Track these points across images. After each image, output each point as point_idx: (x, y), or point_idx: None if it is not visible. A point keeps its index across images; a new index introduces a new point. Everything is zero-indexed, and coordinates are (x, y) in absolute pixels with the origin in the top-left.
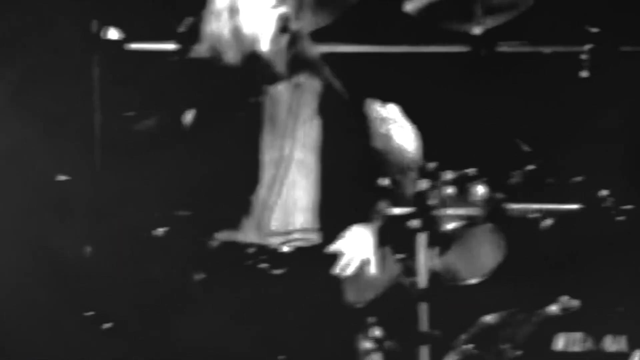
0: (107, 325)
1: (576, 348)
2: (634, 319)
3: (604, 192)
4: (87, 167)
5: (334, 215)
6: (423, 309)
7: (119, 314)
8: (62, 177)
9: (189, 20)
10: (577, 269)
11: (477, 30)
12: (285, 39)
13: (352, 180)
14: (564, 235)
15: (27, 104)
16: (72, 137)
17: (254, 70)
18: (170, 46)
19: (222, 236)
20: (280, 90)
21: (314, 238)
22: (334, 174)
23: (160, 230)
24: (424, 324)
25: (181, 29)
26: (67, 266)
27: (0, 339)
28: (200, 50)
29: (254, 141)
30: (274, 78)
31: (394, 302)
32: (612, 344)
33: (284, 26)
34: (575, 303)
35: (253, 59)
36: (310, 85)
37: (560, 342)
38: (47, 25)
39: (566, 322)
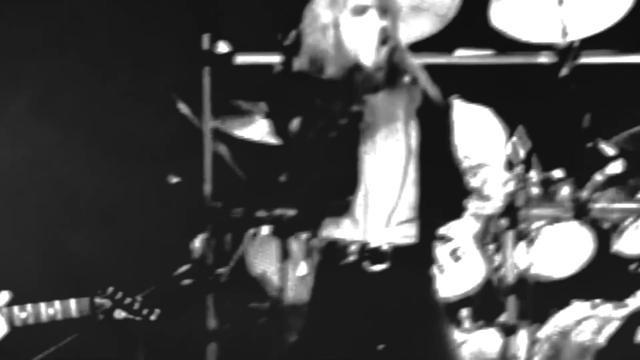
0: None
1: None
2: None
3: None
4: (196, 170)
5: (430, 214)
6: (511, 302)
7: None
8: (174, 179)
9: (293, 34)
10: None
11: (562, 41)
12: (385, 51)
13: (447, 181)
14: None
15: (143, 112)
16: (182, 142)
17: (356, 81)
18: (276, 58)
19: (326, 234)
20: (380, 97)
21: (412, 236)
22: (431, 174)
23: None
24: (511, 316)
25: (286, 42)
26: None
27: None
28: (300, 62)
29: (354, 146)
30: (375, 88)
31: (484, 295)
32: None
33: (384, 39)
34: None
35: (355, 71)
36: (408, 92)
37: None
38: (162, 38)
39: None
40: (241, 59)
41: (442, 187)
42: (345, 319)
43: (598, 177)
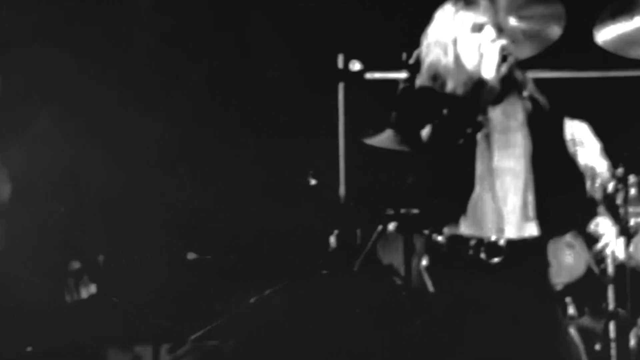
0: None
1: None
2: None
3: None
4: (332, 172)
5: (539, 213)
6: (611, 291)
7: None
8: (313, 181)
9: (416, 53)
10: None
11: None
12: (505, 67)
13: (557, 184)
14: None
15: (280, 127)
16: (321, 150)
17: (479, 95)
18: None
19: (448, 231)
20: (499, 109)
21: (524, 232)
22: (541, 178)
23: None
24: (611, 304)
25: (410, 60)
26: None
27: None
28: (422, 79)
29: (472, 152)
30: (496, 100)
31: (588, 284)
32: None
33: (504, 55)
34: None
35: (478, 86)
36: (520, 103)
37: None
38: (302, 58)
39: None
40: (371, 75)
41: (553, 189)
42: (466, 309)
43: None
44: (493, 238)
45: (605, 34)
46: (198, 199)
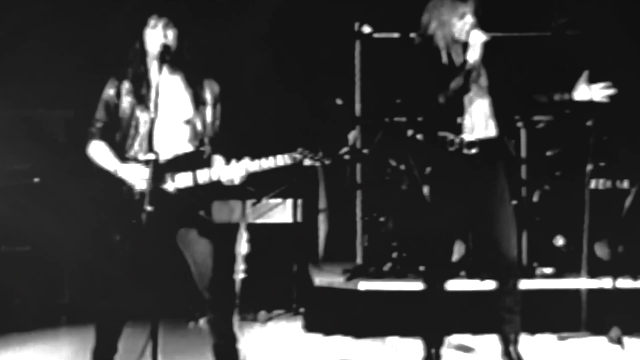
0: None
1: None
2: None
3: None
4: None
5: None
6: None
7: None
8: (339, 101)
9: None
10: None
11: None
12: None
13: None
14: None
15: (297, 85)
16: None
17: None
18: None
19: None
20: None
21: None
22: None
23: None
24: None
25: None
26: None
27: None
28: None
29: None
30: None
31: None
32: None
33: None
34: None
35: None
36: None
37: None
38: (321, 26)
39: None
40: (378, 35)
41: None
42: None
43: None
44: (470, 137)
45: None
46: None
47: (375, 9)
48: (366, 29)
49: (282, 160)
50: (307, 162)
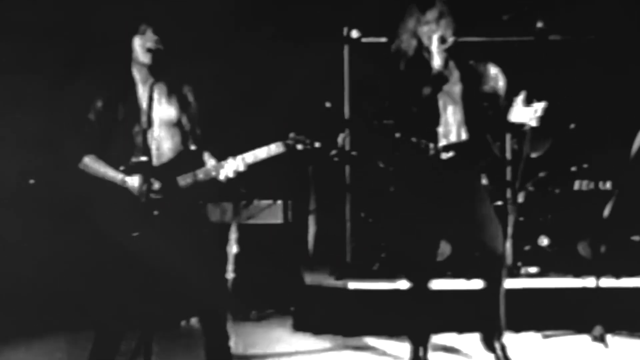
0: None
1: None
2: None
3: None
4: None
5: None
6: None
7: None
8: (328, 104)
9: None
10: None
11: None
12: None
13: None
14: None
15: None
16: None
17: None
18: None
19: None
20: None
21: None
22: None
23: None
24: None
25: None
26: None
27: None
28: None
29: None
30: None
31: None
32: None
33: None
34: None
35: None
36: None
37: None
38: (309, 31)
39: None
40: (366, 39)
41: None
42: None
43: None
44: (445, 142)
45: None
46: None
47: (364, 14)
48: (354, 34)
49: (275, 148)
50: (300, 146)
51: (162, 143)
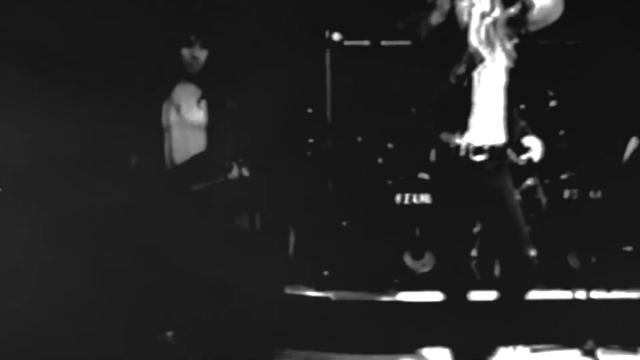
0: None
1: None
2: None
3: None
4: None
5: None
6: None
7: None
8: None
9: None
10: None
11: None
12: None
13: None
14: None
15: (272, 88)
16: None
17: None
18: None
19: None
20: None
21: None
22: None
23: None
24: None
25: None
26: None
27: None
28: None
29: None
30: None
31: None
32: None
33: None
34: None
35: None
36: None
37: None
38: (291, 33)
39: None
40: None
41: None
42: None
43: None
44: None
45: None
46: None
47: (346, 17)
48: (336, 37)
49: None
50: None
51: (187, 147)
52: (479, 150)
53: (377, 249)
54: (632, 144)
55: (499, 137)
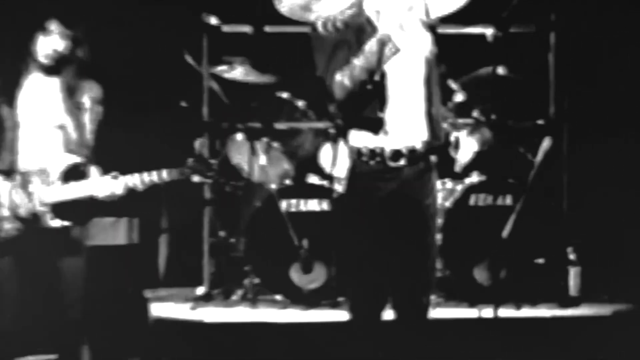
0: None
1: None
2: None
3: None
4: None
5: None
6: None
7: None
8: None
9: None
10: None
11: None
12: None
13: None
14: None
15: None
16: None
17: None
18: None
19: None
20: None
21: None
22: None
23: None
24: None
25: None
26: None
27: None
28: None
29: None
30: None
31: None
32: None
33: None
34: None
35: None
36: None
37: None
38: (167, 17)
39: None
40: (226, 28)
41: None
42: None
43: None
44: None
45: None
46: None
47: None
48: (213, 21)
49: (168, 174)
50: (197, 178)
51: (37, 146)
52: (396, 154)
53: (260, 262)
54: (545, 144)
55: (420, 136)
